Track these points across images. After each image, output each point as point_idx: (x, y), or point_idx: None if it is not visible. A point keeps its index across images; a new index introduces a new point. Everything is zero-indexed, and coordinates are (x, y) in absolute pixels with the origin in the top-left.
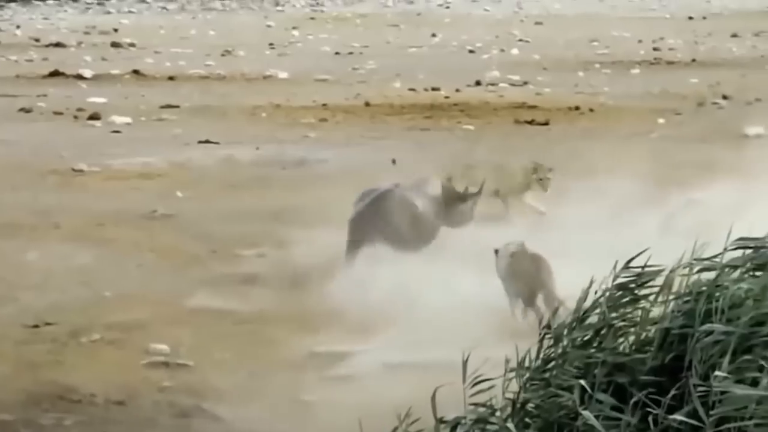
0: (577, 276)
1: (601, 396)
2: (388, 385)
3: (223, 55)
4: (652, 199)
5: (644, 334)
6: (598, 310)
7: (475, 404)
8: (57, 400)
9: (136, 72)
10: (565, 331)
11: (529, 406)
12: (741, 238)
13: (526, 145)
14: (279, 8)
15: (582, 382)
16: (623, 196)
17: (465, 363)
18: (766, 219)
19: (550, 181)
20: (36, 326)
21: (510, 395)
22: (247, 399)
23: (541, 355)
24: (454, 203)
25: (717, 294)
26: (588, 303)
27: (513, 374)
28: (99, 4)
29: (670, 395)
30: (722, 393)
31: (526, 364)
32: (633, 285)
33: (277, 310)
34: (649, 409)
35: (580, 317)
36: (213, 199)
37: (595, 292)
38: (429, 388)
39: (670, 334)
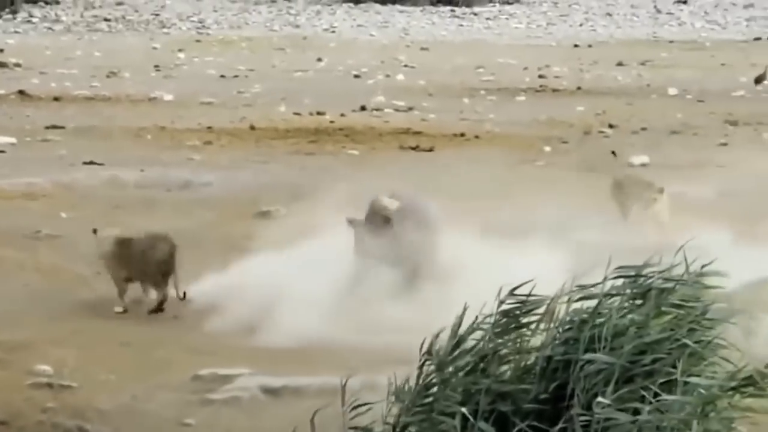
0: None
1: (483, 424)
2: (269, 408)
3: (108, 76)
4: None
5: (524, 362)
6: (479, 335)
7: (355, 428)
8: None
9: (21, 92)
10: (445, 359)
11: (410, 431)
12: (621, 267)
13: (411, 171)
14: (165, 30)
15: (463, 409)
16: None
17: (344, 386)
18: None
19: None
20: None
21: (391, 420)
22: (130, 421)
23: (422, 381)
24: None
25: (599, 321)
26: (463, 329)
27: (393, 399)
28: None
29: (556, 427)
30: (606, 422)
31: (406, 389)
32: (518, 312)
33: (162, 333)
34: None
35: (456, 342)
36: (98, 220)
37: (476, 316)
38: (310, 411)
39: (553, 362)
